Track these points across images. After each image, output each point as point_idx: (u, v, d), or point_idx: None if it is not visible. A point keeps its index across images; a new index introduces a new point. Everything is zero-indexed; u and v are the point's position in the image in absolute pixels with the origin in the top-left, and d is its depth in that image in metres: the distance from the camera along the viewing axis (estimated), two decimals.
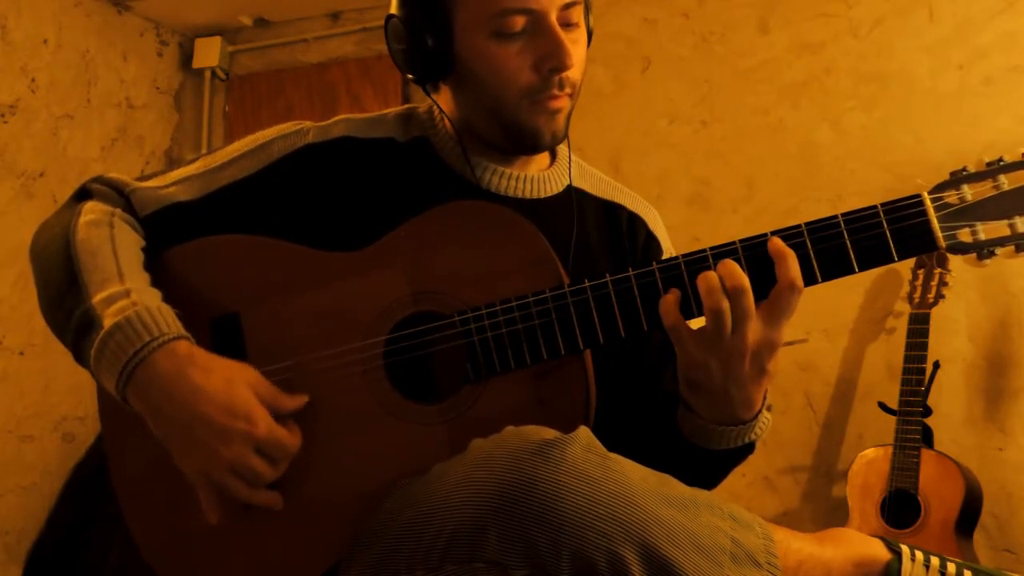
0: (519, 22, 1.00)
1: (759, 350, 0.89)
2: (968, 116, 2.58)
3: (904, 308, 2.42)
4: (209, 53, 3.58)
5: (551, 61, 1.00)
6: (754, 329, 0.88)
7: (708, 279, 0.88)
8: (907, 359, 2.31)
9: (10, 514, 2.93)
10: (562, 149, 1.19)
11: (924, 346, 2.29)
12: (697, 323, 0.91)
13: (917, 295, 2.35)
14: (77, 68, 3.22)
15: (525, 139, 1.06)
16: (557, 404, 0.94)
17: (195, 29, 3.62)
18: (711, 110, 2.92)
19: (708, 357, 0.90)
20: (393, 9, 1.06)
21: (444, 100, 1.12)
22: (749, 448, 1.01)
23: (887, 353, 2.58)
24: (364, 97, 3.40)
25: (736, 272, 0.88)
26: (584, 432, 0.84)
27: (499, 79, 1.01)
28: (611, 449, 0.84)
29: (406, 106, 1.18)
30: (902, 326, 2.38)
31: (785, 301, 0.88)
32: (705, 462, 1.01)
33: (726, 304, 0.87)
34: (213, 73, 3.62)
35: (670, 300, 0.91)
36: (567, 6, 1.01)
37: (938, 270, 2.33)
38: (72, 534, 1.05)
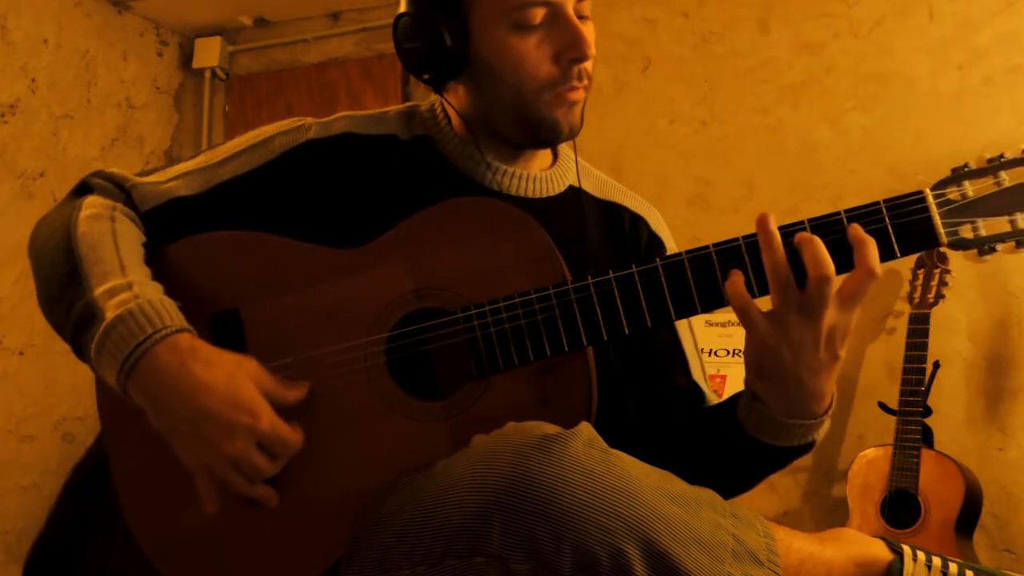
0: (538, 14, 1.00)
1: (832, 335, 0.87)
2: (968, 116, 2.58)
3: (904, 308, 2.42)
4: (209, 53, 3.58)
5: (572, 52, 1.01)
6: (830, 315, 0.86)
7: (777, 253, 0.86)
8: (907, 359, 2.31)
9: (10, 514, 2.93)
10: (564, 149, 1.19)
11: (924, 346, 2.29)
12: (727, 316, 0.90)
13: (917, 295, 2.35)
14: (77, 68, 3.22)
15: (543, 132, 1.05)
16: (559, 401, 0.94)
17: (195, 29, 3.62)
18: (711, 110, 2.92)
19: (780, 342, 0.87)
20: (403, 7, 1.05)
21: (455, 98, 1.11)
22: (808, 447, 0.97)
23: (887, 353, 2.58)
24: (364, 97, 3.40)
25: (824, 259, 0.85)
26: (586, 427, 0.84)
27: (520, 72, 1.01)
28: (611, 446, 0.84)
29: (407, 104, 1.17)
30: (902, 326, 2.38)
31: (863, 287, 0.86)
32: (760, 458, 0.99)
33: (791, 277, 0.85)
34: (213, 73, 3.62)
35: (737, 282, 0.88)
36: None
37: (938, 270, 2.33)
38: (72, 534, 1.05)
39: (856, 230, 0.87)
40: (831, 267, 0.85)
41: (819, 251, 0.85)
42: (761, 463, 1.00)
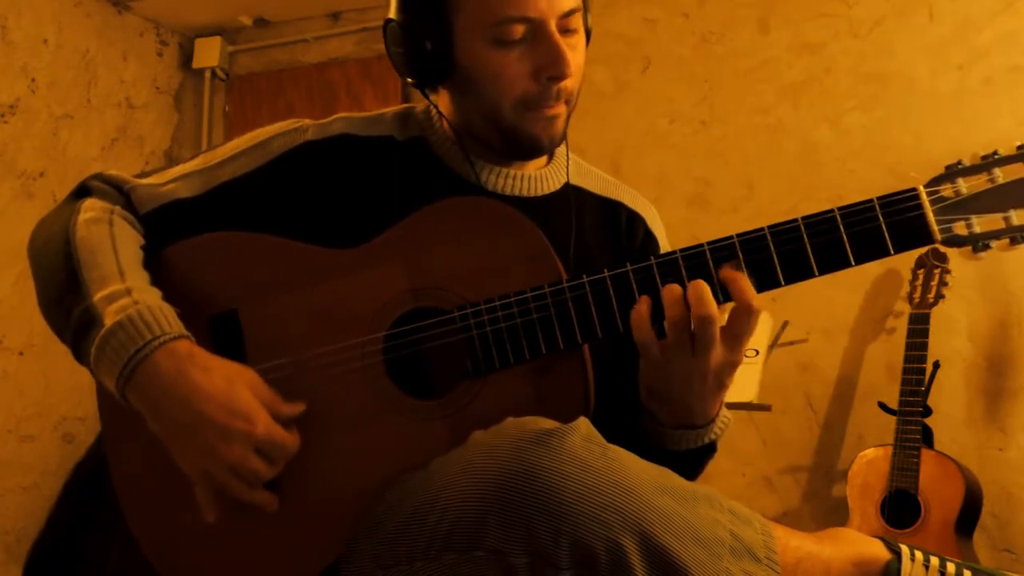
0: (519, 30, 1.00)
1: (720, 370, 0.92)
2: (968, 116, 2.58)
3: (904, 308, 2.42)
4: (209, 53, 3.58)
5: (549, 70, 1.01)
6: (716, 352, 0.90)
7: (673, 291, 0.90)
8: (907, 359, 2.31)
9: (10, 514, 2.93)
10: (560, 147, 1.19)
11: (924, 346, 2.29)
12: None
13: (917, 295, 2.35)
14: (77, 68, 3.22)
15: (522, 145, 1.07)
16: (556, 400, 0.95)
17: (195, 29, 3.62)
18: (711, 110, 2.92)
19: (672, 372, 0.93)
20: (392, 13, 1.06)
21: (443, 103, 1.12)
22: (712, 447, 1.03)
23: (887, 353, 2.58)
24: (364, 97, 3.40)
25: (706, 299, 0.89)
26: (584, 423, 0.84)
27: (497, 86, 1.02)
28: (609, 442, 0.84)
29: (403, 105, 1.18)
30: (902, 326, 2.38)
31: (744, 323, 0.90)
32: (671, 461, 1.02)
33: (685, 315, 0.89)
34: (213, 73, 3.62)
35: (642, 311, 0.92)
36: (567, 14, 1.01)
37: (938, 270, 2.33)
38: (72, 534, 1.05)
39: (726, 272, 0.91)
40: (713, 307, 0.88)
41: (704, 292, 0.89)
42: (675, 462, 1.02)
